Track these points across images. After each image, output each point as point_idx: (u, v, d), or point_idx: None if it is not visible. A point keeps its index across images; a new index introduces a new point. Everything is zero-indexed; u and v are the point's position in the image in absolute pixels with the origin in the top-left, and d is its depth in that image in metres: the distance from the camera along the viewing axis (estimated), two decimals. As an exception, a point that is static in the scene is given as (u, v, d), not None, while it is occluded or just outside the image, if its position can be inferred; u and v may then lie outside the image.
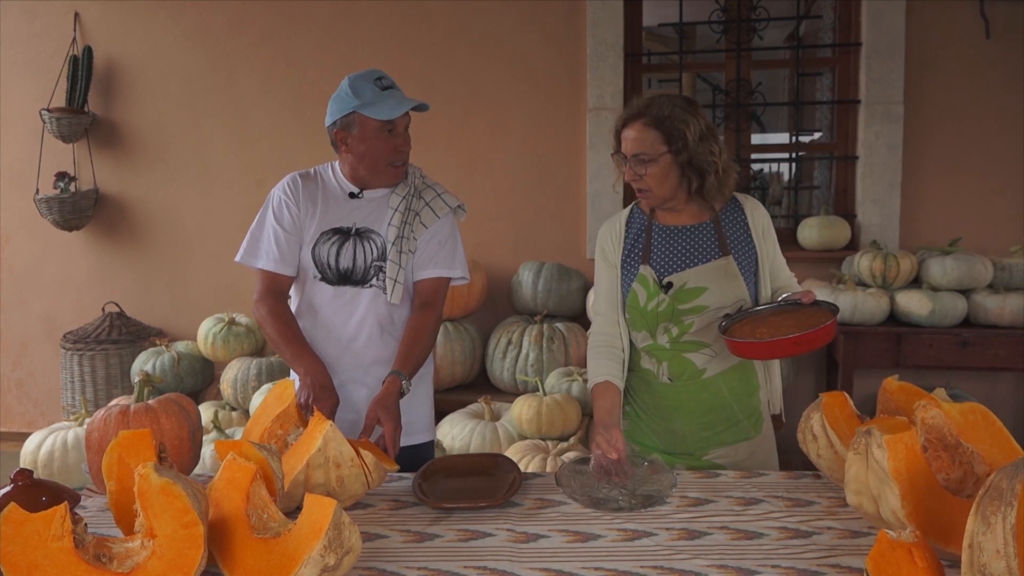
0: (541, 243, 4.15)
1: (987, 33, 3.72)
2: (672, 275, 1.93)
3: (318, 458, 1.53)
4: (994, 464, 1.36)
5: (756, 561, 1.36)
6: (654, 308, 1.93)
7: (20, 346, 4.73)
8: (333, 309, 2.06)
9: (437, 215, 2.08)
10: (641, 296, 1.94)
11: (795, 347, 1.71)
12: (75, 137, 4.36)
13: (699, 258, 1.93)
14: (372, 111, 1.95)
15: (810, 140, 5.34)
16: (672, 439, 2.00)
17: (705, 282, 1.91)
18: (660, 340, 1.95)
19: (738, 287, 1.92)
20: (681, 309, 1.91)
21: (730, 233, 1.96)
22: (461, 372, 3.81)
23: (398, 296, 2.03)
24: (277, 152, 4.30)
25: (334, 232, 2.05)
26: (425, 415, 2.19)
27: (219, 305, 4.23)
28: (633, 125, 1.91)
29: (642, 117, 1.90)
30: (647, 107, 1.91)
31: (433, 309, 2.03)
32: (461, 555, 1.41)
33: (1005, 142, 3.80)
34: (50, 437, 3.59)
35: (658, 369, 1.97)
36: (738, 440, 1.98)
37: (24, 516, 1.21)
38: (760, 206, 2.03)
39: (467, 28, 4.12)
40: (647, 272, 1.94)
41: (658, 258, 1.96)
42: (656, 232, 1.99)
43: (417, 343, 1.96)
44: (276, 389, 1.82)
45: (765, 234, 1.98)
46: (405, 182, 2.09)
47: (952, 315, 3.39)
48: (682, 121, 1.88)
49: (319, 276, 2.07)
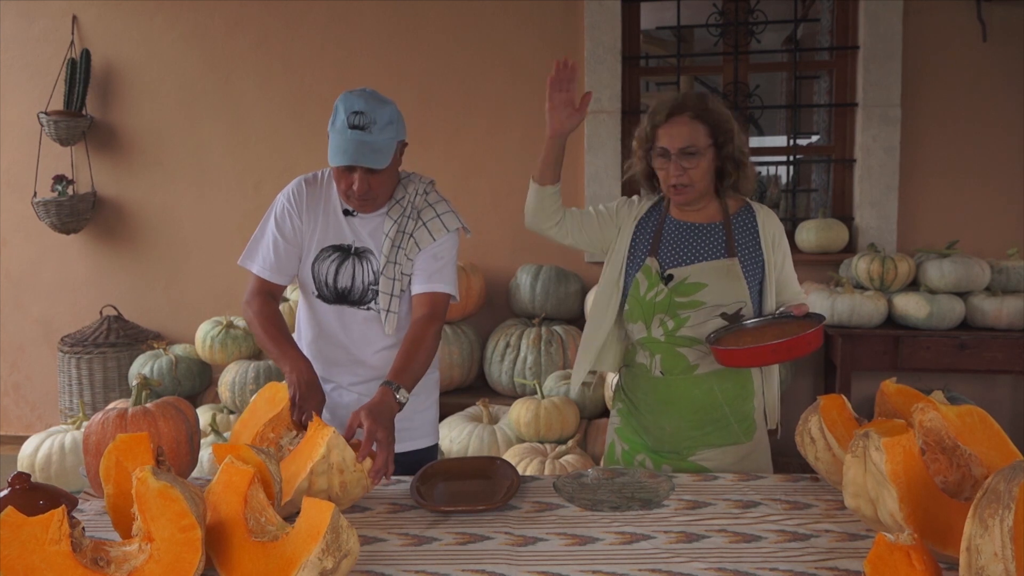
0: (539, 246, 4.14)
1: (984, 36, 3.73)
2: (675, 268, 1.95)
3: (321, 465, 1.52)
4: (992, 467, 1.36)
5: (754, 564, 1.36)
6: (652, 298, 1.95)
7: (17, 349, 4.72)
8: (334, 326, 2.06)
9: (433, 237, 1.99)
10: (643, 285, 1.97)
11: (774, 354, 1.74)
12: (73, 140, 4.35)
13: (704, 255, 1.95)
14: (330, 144, 1.87)
15: (808, 143, 5.35)
16: (661, 436, 2.00)
17: (706, 279, 1.92)
18: (655, 333, 1.97)
19: (739, 288, 1.92)
20: (678, 302, 1.93)
21: (739, 237, 1.97)
22: (459, 375, 3.81)
23: (392, 327, 1.99)
24: (275, 155, 4.30)
25: (334, 249, 2.01)
26: (428, 420, 2.16)
27: (217, 308, 4.22)
28: (678, 119, 1.89)
29: (687, 110, 1.90)
30: (689, 101, 1.90)
31: (432, 321, 1.94)
32: (459, 558, 1.41)
33: (1002, 145, 3.81)
34: (47, 440, 3.58)
35: (651, 363, 1.99)
36: (726, 444, 1.99)
37: (21, 520, 1.20)
38: (773, 216, 2.03)
39: (465, 31, 4.12)
40: (652, 263, 1.97)
41: (665, 251, 1.98)
42: (668, 226, 2.01)
43: (414, 356, 1.86)
44: (266, 391, 1.80)
45: (775, 244, 1.99)
46: (400, 203, 2.01)
47: (950, 318, 3.39)
48: (726, 115, 1.91)
49: (316, 293, 2.05)
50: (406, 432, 2.01)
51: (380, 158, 1.85)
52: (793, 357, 1.76)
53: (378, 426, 1.63)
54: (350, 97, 1.86)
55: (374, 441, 1.62)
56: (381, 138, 1.85)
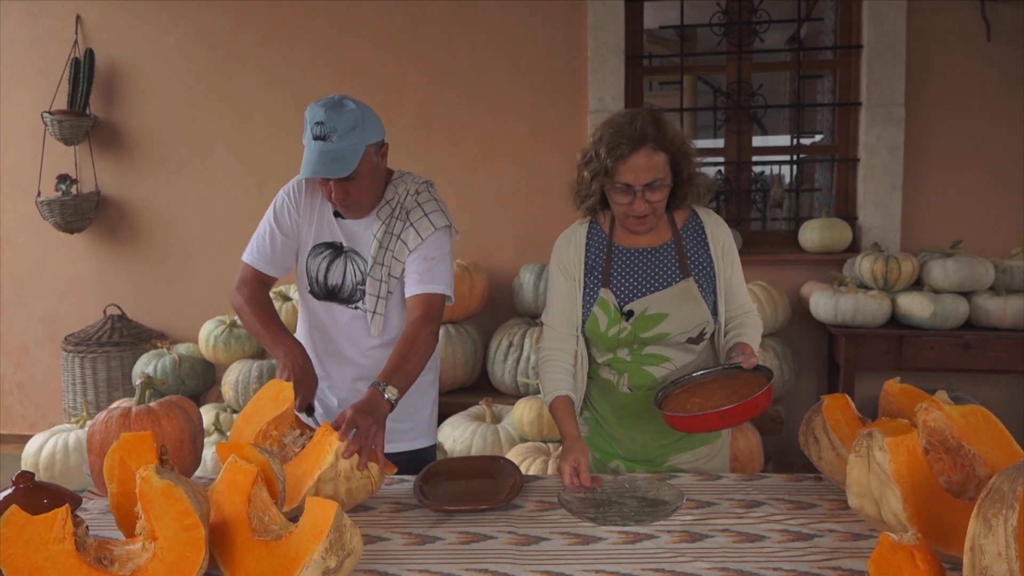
0: (542, 245, 4.12)
1: (988, 35, 3.72)
2: (633, 302, 1.89)
3: (329, 473, 1.53)
4: (996, 466, 1.36)
5: (758, 564, 1.36)
6: (615, 335, 1.90)
7: (21, 348, 4.73)
8: (325, 322, 2.08)
9: (421, 236, 1.97)
10: (602, 321, 1.90)
11: (722, 420, 1.69)
12: (76, 139, 4.36)
13: (660, 282, 1.89)
14: (303, 157, 1.88)
15: (811, 142, 5.34)
16: (632, 447, 1.98)
17: (666, 308, 1.87)
18: (620, 354, 1.93)
19: (700, 311, 1.88)
20: (643, 337, 1.89)
21: (691, 252, 1.92)
22: (462, 374, 3.81)
23: (378, 328, 2.00)
24: (278, 154, 4.30)
25: (327, 246, 2.04)
26: (423, 421, 2.16)
27: (220, 307, 4.22)
28: (641, 151, 1.79)
29: (648, 142, 1.79)
30: (648, 131, 1.80)
31: (426, 323, 1.92)
32: (462, 558, 1.41)
33: (1006, 144, 3.80)
34: (51, 440, 3.59)
35: (618, 380, 1.95)
36: (697, 445, 1.98)
37: (25, 519, 1.21)
38: (722, 223, 1.98)
39: (468, 30, 4.12)
40: (608, 296, 1.90)
41: (618, 282, 1.91)
42: (616, 254, 1.94)
43: (407, 357, 1.84)
44: (269, 388, 1.78)
45: (724, 252, 1.94)
46: (388, 205, 2.00)
47: (953, 317, 3.39)
48: (680, 135, 1.84)
49: (308, 289, 2.08)
50: (400, 432, 2.02)
51: (342, 166, 1.84)
52: (741, 421, 1.72)
53: (360, 415, 1.60)
54: (313, 107, 1.87)
55: (353, 429, 1.58)
56: (342, 146, 1.84)
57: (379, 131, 1.94)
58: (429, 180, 2.10)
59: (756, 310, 2.02)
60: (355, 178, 1.88)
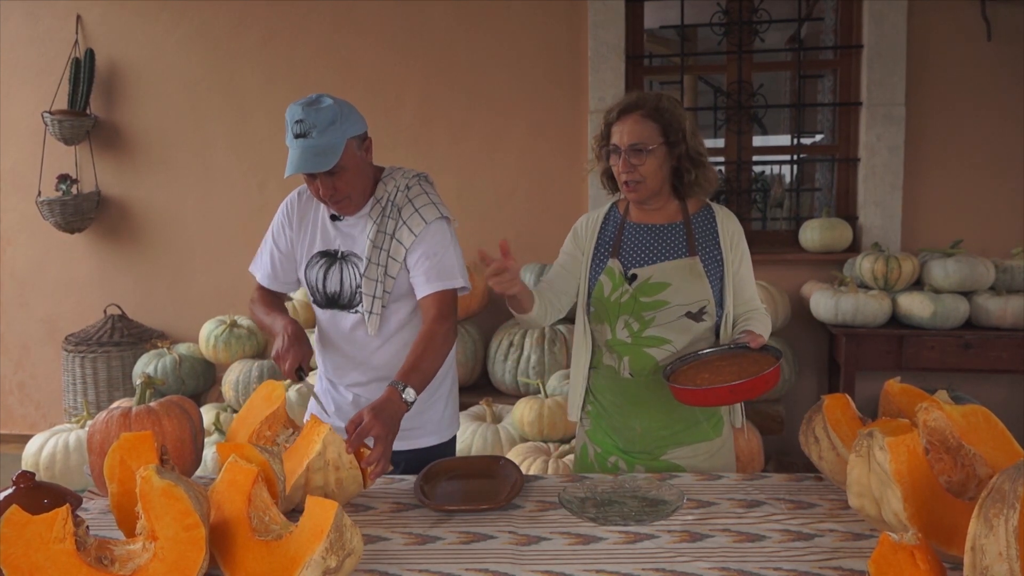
0: (542, 245, 4.14)
1: (989, 35, 3.72)
2: (638, 268, 1.96)
3: (318, 462, 1.53)
4: (996, 466, 1.36)
5: (758, 564, 1.36)
6: (617, 299, 1.96)
7: (22, 348, 4.73)
8: (331, 330, 2.11)
9: (414, 233, 1.97)
10: (607, 287, 1.98)
11: (732, 395, 1.72)
12: (77, 139, 4.36)
13: (666, 254, 1.96)
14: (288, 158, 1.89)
15: (812, 142, 5.34)
16: (631, 437, 2.00)
17: (669, 278, 1.93)
18: (620, 335, 1.97)
19: (702, 287, 1.93)
20: (643, 302, 1.93)
21: (700, 236, 1.99)
22: (463, 374, 3.81)
23: (375, 327, 2.01)
24: (279, 154, 4.25)
25: (322, 255, 2.06)
26: (433, 419, 2.15)
27: (221, 307, 4.23)
28: (630, 116, 1.94)
29: (639, 109, 1.94)
30: (643, 100, 1.94)
31: (441, 321, 1.93)
32: (462, 557, 1.41)
33: (1007, 144, 3.80)
34: (52, 439, 3.59)
35: (619, 365, 1.99)
36: (697, 441, 1.99)
37: (26, 518, 1.21)
38: (733, 217, 2.05)
39: (468, 30, 4.12)
40: (615, 265, 1.98)
41: (627, 252, 2.00)
42: (628, 229, 2.04)
43: (424, 355, 1.85)
44: (263, 389, 1.81)
45: (733, 244, 2.00)
46: (380, 203, 2.01)
47: (954, 317, 3.39)
48: (679, 115, 1.95)
49: (311, 298, 2.13)
50: (411, 431, 2.01)
51: (325, 160, 1.85)
52: (752, 396, 1.74)
53: (376, 422, 1.62)
54: (292, 107, 1.88)
55: (368, 435, 1.61)
56: (323, 140, 1.85)
57: (360, 124, 1.94)
58: (422, 173, 2.10)
59: (766, 310, 2.05)
60: (340, 171, 1.89)
